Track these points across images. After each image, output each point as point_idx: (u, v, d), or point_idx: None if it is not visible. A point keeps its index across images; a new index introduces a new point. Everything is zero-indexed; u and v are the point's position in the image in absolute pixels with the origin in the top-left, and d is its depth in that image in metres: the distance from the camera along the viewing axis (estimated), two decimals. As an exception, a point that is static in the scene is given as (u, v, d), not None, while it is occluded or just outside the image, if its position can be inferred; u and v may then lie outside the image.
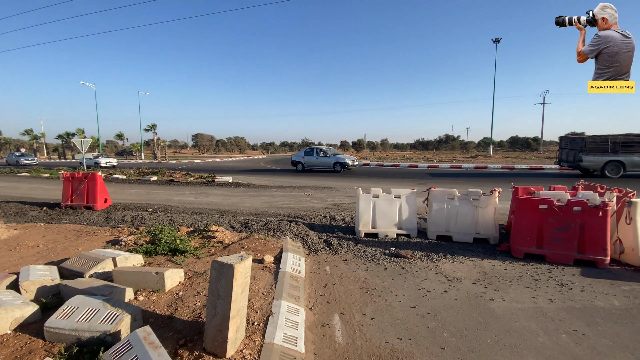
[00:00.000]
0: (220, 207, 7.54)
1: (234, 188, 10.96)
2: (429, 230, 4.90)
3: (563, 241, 3.91)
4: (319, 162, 18.34)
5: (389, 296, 3.16)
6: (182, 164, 31.04)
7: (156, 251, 4.24)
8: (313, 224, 5.68)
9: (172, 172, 16.49)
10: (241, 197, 8.99)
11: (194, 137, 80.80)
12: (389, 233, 4.94)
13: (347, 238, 4.91)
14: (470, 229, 4.72)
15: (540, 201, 4.02)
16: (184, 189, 10.88)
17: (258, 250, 4.23)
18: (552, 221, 3.96)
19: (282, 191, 10.09)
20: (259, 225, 5.36)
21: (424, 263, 4.00)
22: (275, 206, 7.53)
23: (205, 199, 8.82)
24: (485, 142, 54.36)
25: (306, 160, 18.74)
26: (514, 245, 4.16)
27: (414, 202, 5.05)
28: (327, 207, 7.34)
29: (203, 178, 13.69)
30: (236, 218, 6.06)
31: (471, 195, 4.76)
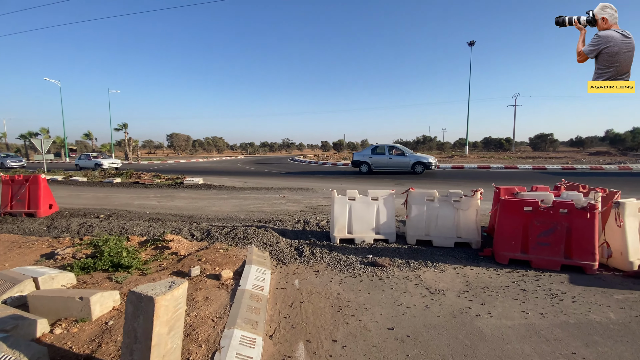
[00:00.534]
0: (184, 211, 6.89)
1: (203, 190, 10.25)
2: (408, 234, 4.54)
3: (549, 245, 3.65)
4: (393, 162, 15.19)
5: (364, 315, 2.73)
6: (154, 164, 29.59)
7: (95, 267, 3.60)
8: (285, 230, 5.19)
9: (139, 174, 15.45)
10: (210, 200, 8.34)
11: (169, 137, 77.86)
12: (366, 238, 4.54)
13: (321, 245, 4.46)
14: (451, 233, 4.40)
15: (524, 203, 3.74)
16: (149, 192, 10.06)
17: (217, 263, 3.69)
18: (537, 224, 3.69)
19: (256, 193, 9.52)
20: (223, 233, 4.81)
21: (403, 272, 3.61)
22: (246, 210, 6.97)
23: (170, 202, 8.10)
24: (461, 142, 55.82)
25: (374, 160, 15.63)
26: (497, 251, 3.87)
27: (392, 205, 4.68)
28: (303, 210, 6.87)
29: (172, 180, 12.83)
30: (199, 224, 5.47)
31: (452, 196, 4.45)
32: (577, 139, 56.66)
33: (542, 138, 51.22)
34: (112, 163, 22.52)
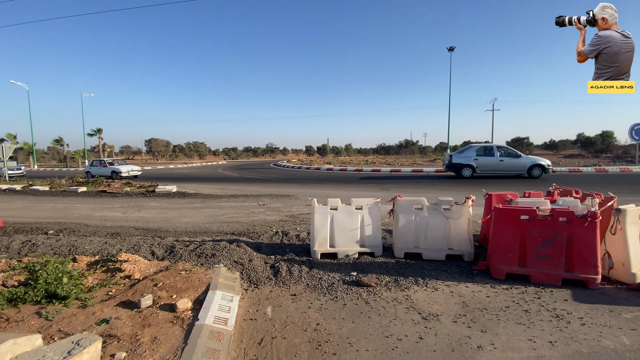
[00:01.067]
0: (150, 224, 6.24)
1: (176, 199, 9.56)
2: (395, 247, 4.14)
3: (549, 258, 3.33)
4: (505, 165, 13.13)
5: (347, 353, 2.28)
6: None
7: (25, 298, 2.98)
8: (261, 244, 4.68)
9: (109, 182, 14.49)
10: (181, 210, 7.69)
11: (147, 143, 75.18)
12: (350, 252, 4.11)
13: (300, 261, 3.99)
14: (442, 245, 4.03)
15: (521, 211, 3.42)
16: (115, 202, 9.26)
17: (175, 289, 3.15)
18: (535, 234, 3.37)
19: (233, 201, 8.93)
20: (189, 250, 4.24)
21: (392, 293, 3.19)
22: (220, 220, 6.40)
23: (136, 214, 7.40)
24: (442, 146, 56.89)
25: (481, 162, 13.45)
26: (493, 264, 3.52)
27: (377, 214, 4.27)
28: (282, 220, 6.37)
29: (144, 187, 12.01)
30: (163, 240, 4.87)
31: (441, 204, 4.09)
32: (550, 142, 58.92)
33: (519, 141, 52.85)
34: (131, 171, 19.29)
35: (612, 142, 41.52)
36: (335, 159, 49.86)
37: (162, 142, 76.37)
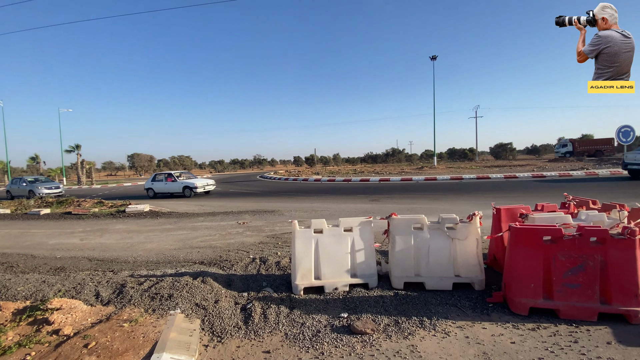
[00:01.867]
0: (108, 253, 5.39)
1: (147, 220, 8.67)
2: (393, 275, 3.48)
3: (580, 287, 2.74)
4: None
5: None
6: (107, 189, 26.88)
7: None
8: (233, 276, 3.93)
9: (80, 201, 13.38)
10: (149, 233, 6.84)
11: (130, 158, 72.89)
12: (339, 285, 3.42)
13: (278, 299, 3.27)
14: (447, 271, 3.40)
15: (543, 231, 2.83)
16: (78, 225, 8.30)
17: (111, 351, 2.38)
18: (562, 259, 2.78)
19: (210, 220, 8.12)
20: (142, 289, 3.46)
21: (393, 343, 2.51)
22: (190, 245, 5.61)
23: (97, 239, 6.51)
24: (427, 154, 57.27)
25: None
26: (512, 297, 2.90)
27: (370, 236, 3.62)
28: (262, 242, 5.63)
29: (115, 207, 11.04)
30: (115, 275, 4.07)
31: (444, 222, 3.48)
32: (532, 147, 60.33)
33: (503, 147, 53.80)
34: (207, 185, 16.06)
35: (592, 145, 42.53)
36: (323, 169, 49.39)
37: (146, 156, 74.31)
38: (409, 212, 8.21)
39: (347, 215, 8.16)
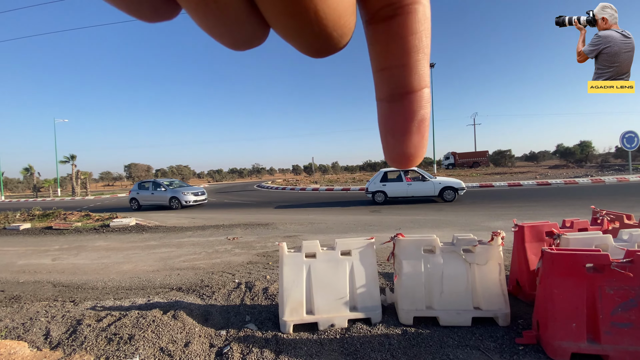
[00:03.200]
0: (77, 277, 4.81)
1: (132, 235, 8.08)
2: (400, 308, 2.93)
3: (633, 326, 2.20)
4: None
5: None
6: (99, 200, 26.22)
7: None
8: (211, 308, 3.36)
9: (67, 214, 12.78)
10: (129, 251, 6.25)
11: (127, 168, 72.21)
12: (336, 320, 2.87)
13: (262, 339, 2.71)
14: (465, 303, 2.85)
15: (585, 257, 2.30)
16: (55, 242, 7.71)
17: None
18: (609, 292, 2.24)
19: (198, 235, 7.54)
20: (100, 327, 2.89)
21: (405, 407, 1.95)
22: (171, 267, 5.03)
23: (70, 259, 5.92)
24: (426, 161, 56.87)
25: None
26: (549, 339, 2.35)
27: (372, 260, 3.08)
28: (251, 262, 5.07)
29: (101, 220, 10.46)
30: (75, 307, 3.49)
31: (460, 244, 2.95)
32: (530, 154, 60.06)
33: (502, 154, 53.50)
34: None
35: (591, 151, 42.37)
36: (322, 177, 48.89)
37: (143, 166, 73.68)
38: (412, 225, 7.67)
39: (346, 228, 7.61)
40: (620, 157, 37.76)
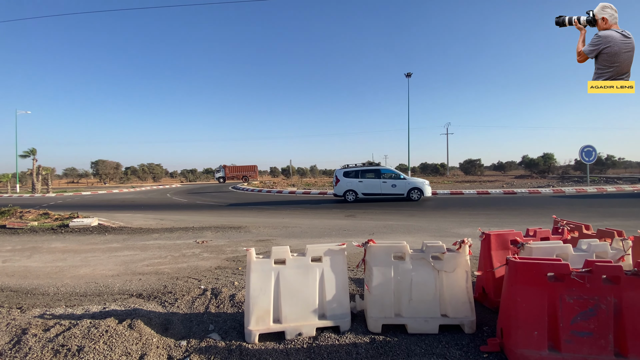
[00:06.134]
0: (27, 281, 4.40)
1: (93, 236, 7.57)
2: (369, 316, 2.89)
3: (592, 335, 2.28)
4: None
5: None
6: (61, 197, 24.58)
7: None
8: (173, 316, 3.17)
9: (22, 212, 11.83)
10: (88, 254, 5.83)
11: (94, 165, 68.15)
12: (304, 329, 2.78)
13: (225, 351, 2.57)
14: (433, 310, 2.86)
15: (547, 266, 2.37)
16: (8, 243, 7.06)
17: None
18: (569, 301, 2.32)
19: (165, 237, 7.19)
20: (47, 338, 2.63)
21: (370, 420, 1.90)
22: (132, 271, 4.73)
23: (22, 261, 5.43)
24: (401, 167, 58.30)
25: None
26: (512, 346, 2.39)
27: (343, 266, 3.02)
28: (220, 267, 4.87)
29: (60, 219, 9.75)
30: (22, 314, 3.17)
31: (429, 251, 2.96)
32: (498, 164, 63.15)
33: (472, 163, 55.93)
34: None
35: (553, 163, 45.28)
36: (300, 180, 48.71)
37: (112, 163, 69.81)
38: (386, 230, 7.74)
39: (320, 232, 7.55)
40: (579, 169, 40.63)
